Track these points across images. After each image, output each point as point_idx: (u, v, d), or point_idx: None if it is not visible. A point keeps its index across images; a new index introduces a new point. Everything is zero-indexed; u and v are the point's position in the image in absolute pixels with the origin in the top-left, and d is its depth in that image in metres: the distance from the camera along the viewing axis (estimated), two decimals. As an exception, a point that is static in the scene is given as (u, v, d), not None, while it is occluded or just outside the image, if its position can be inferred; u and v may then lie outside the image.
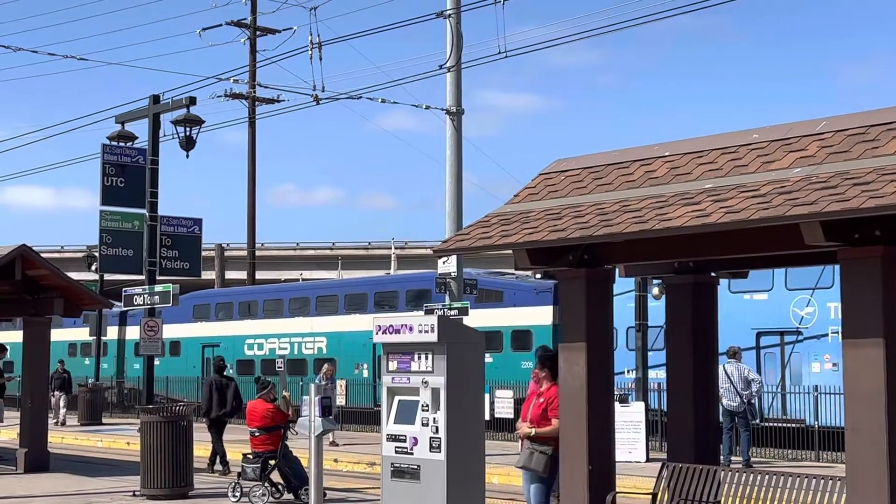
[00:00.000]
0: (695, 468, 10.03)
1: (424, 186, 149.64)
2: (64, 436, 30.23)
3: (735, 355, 20.99)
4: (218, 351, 36.87)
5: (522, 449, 11.75)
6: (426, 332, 10.38)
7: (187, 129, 21.53)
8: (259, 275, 49.43)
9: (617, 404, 18.79)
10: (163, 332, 20.66)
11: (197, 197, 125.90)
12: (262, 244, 62.46)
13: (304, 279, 55.84)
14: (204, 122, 21.91)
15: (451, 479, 10.24)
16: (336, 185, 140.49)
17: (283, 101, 38.15)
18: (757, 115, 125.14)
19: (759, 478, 9.58)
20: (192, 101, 21.44)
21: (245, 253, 47.50)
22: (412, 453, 10.46)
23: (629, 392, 24.20)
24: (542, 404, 11.50)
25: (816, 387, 23.36)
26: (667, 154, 10.09)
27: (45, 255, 21.89)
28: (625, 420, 20.95)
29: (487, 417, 18.87)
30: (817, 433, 22.56)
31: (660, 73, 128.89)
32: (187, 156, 21.65)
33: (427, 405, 10.39)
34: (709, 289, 10.79)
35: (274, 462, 16.06)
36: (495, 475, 18.92)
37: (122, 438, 28.94)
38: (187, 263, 21.18)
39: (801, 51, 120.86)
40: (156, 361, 21.44)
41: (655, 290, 23.93)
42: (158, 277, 20.42)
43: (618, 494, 10.36)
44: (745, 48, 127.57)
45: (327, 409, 12.74)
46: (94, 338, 39.51)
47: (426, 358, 10.44)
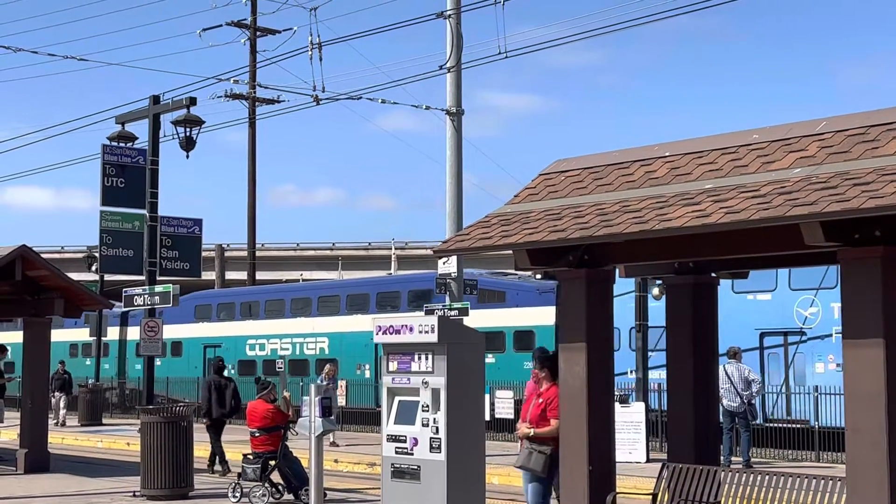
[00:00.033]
0: (695, 468, 10.03)
1: (424, 187, 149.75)
2: (64, 436, 30.22)
3: (735, 356, 20.97)
4: (219, 351, 36.85)
5: (521, 449, 11.77)
6: (426, 332, 10.37)
7: (187, 129, 21.55)
8: (259, 275, 49.42)
9: (617, 405, 18.78)
10: (163, 333, 20.67)
11: (197, 197, 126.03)
12: (263, 245, 62.45)
13: (304, 280, 55.84)
14: (204, 122, 21.94)
15: (452, 479, 10.24)
16: (336, 186, 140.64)
17: (284, 101, 38.16)
18: (757, 115, 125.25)
19: (759, 478, 9.58)
20: (193, 101, 21.46)
21: (245, 253, 47.51)
22: (412, 454, 10.45)
23: (629, 392, 24.19)
24: (542, 404, 11.51)
25: (817, 387, 23.34)
26: (667, 154, 10.09)
27: (45, 256, 21.88)
28: (625, 420, 20.94)
29: (488, 418, 18.85)
30: (818, 433, 22.56)
31: (660, 73, 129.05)
32: (187, 156, 21.68)
33: (427, 406, 10.39)
34: (709, 289, 10.79)
35: (274, 462, 16.06)
36: (495, 476, 18.92)
37: (122, 439, 28.93)
38: (187, 264, 21.19)
39: (802, 51, 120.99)
40: (157, 362, 21.45)
41: (656, 291, 23.91)
42: (159, 278, 20.43)
43: (618, 495, 10.36)
44: (746, 48, 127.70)
45: (327, 409, 12.75)
46: (95, 338, 39.52)
47: (426, 358, 10.44)
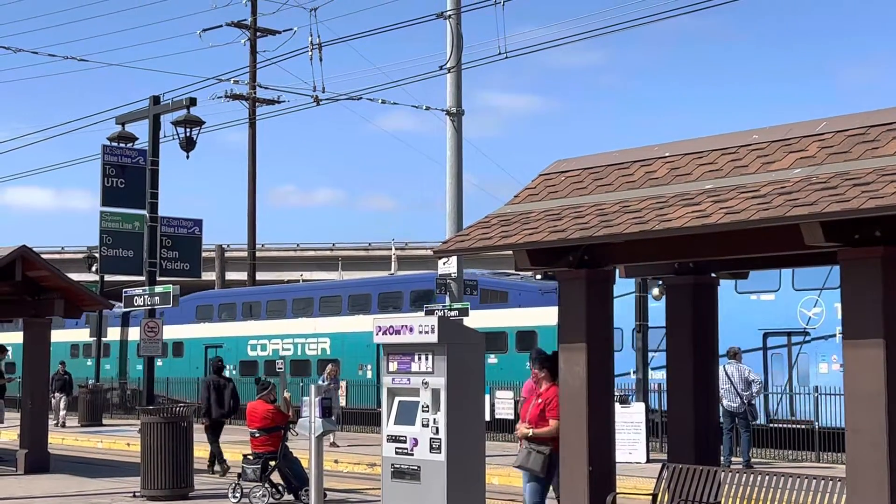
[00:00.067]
0: (695, 469, 10.03)
1: (425, 187, 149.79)
2: (64, 437, 30.21)
3: (735, 356, 20.96)
4: (221, 352, 36.83)
5: (520, 449, 11.78)
6: (426, 332, 10.37)
7: (187, 129, 21.55)
8: (259, 276, 49.43)
9: (617, 405, 18.78)
10: (165, 333, 20.66)
11: (197, 198, 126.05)
12: (263, 245, 62.46)
13: (304, 280, 55.83)
14: (204, 122, 21.95)
15: (452, 479, 10.23)
16: (336, 186, 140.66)
17: (284, 101, 38.18)
18: (757, 116, 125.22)
19: (759, 478, 9.58)
20: (193, 102, 21.46)
21: (245, 254, 47.51)
22: (412, 454, 10.45)
23: (630, 393, 24.18)
24: (541, 405, 11.52)
25: (817, 388, 23.32)
26: (667, 155, 10.09)
27: (45, 257, 21.86)
28: (625, 421, 20.93)
29: (488, 418, 18.86)
30: (818, 434, 22.54)
31: (660, 73, 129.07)
32: (187, 157, 21.69)
33: (427, 406, 10.39)
34: (709, 289, 10.79)
35: (274, 463, 16.06)
36: (496, 476, 18.91)
37: (122, 439, 28.92)
38: (187, 264, 21.19)
39: (802, 51, 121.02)
40: (158, 363, 21.45)
41: (656, 291, 23.88)
42: (159, 278, 20.43)
43: (618, 495, 10.36)
44: (746, 48, 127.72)
45: (327, 409, 12.74)
46: (95, 339, 39.49)
47: (426, 359, 10.43)
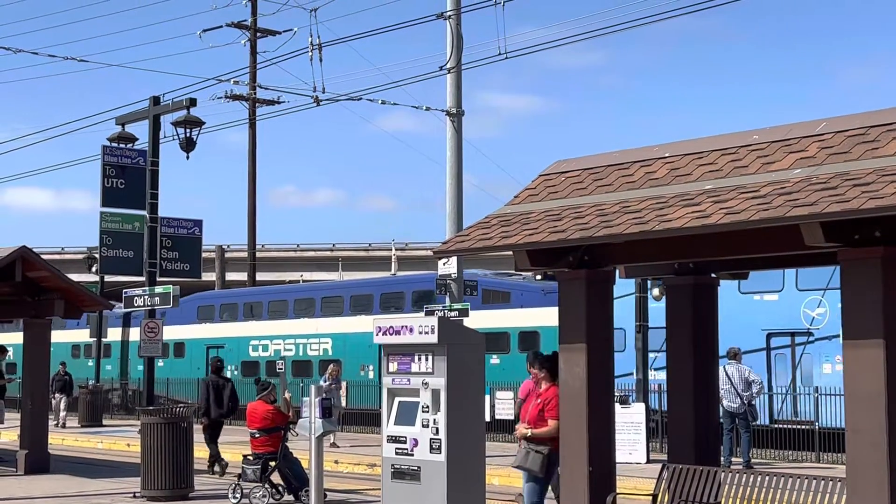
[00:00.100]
0: (695, 469, 10.03)
1: (425, 188, 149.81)
2: (64, 437, 30.21)
3: (735, 356, 20.95)
4: (222, 352, 36.78)
5: (519, 449, 11.79)
6: (426, 333, 10.37)
7: (187, 130, 21.53)
8: (259, 276, 49.44)
9: (617, 405, 18.77)
10: (166, 334, 20.64)
11: (197, 198, 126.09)
12: (263, 246, 62.48)
13: (304, 281, 55.83)
14: (204, 123, 21.91)
15: (452, 480, 10.23)
16: (336, 187, 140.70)
17: (284, 102, 38.26)
18: (757, 116, 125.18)
19: (759, 479, 9.58)
20: (193, 102, 21.43)
21: (245, 254, 47.52)
22: (412, 454, 10.45)
23: (630, 393, 24.18)
24: (539, 405, 11.53)
25: (817, 388, 23.31)
26: (667, 155, 10.09)
27: (45, 257, 21.87)
28: (625, 421, 20.92)
29: (488, 419, 18.85)
30: (818, 434, 22.54)
31: (661, 73, 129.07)
32: (188, 157, 21.65)
33: (427, 406, 10.38)
34: (709, 290, 10.79)
35: (274, 463, 16.06)
36: (496, 476, 18.91)
37: (122, 440, 28.91)
38: (187, 265, 21.17)
39: (802, 51, 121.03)
40: (160, 363, 21.44)
41: (656, 292, 23.88)
42: (159, 279, 20.41)
43: (618, 496, 10.36)
44: (746, 49, 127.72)
45: (327, 410, 12.73)
46: (95, 339, 39.48)
47: (426, 359, 10.43)
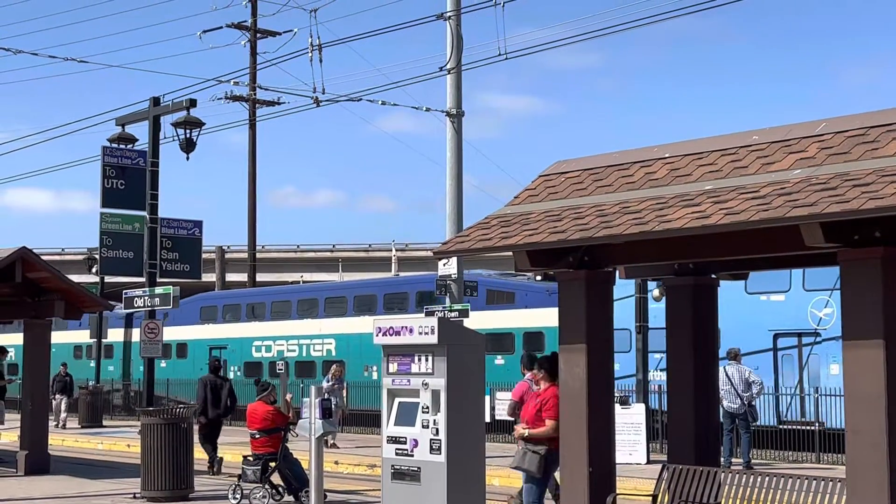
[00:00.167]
0: (695, 470, 10.03)
1: (425, 188, 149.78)
2: (64, 438, 30.19)
3: (735, 357, 20.96)
4: (225, 353, 36.78)
5: (518, 449, 11.80)
6: (426, 333, 10.37)
7: (187, 131, 21.55)
8: (259, 277, 49.44)
9: (617, 406, 18.77)
10: (169, 335, 20.65)
11: (197, 199, 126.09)
12: (263, 246, 62.47)
13: (304, 281, 55.81)
14: (204, 124, 21.94)
15: (452, 480, 10.23)
16: (336, 188, 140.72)
17: (284, 103, 38.28)
18: (757, 116, 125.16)
19: (759, 479, 9.58)
20: (193, 103, 21.45)
21: (245, 255, 47.54)
22: (412, 455, 10.45)
23: (630, 394, 24.18)
24: (538, 405, 11.53)
25: (817, 388, 23.30)
26: (667, 155, 10.09)
27: (45, 258, 21.88)
28: (625, 422, 20.92)
29: (488, 419, 18.85)
30: (818, 434, 22.53)
31: (660, 74, 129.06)
32: (187, 158, 21.68)
33: (427, 407, 10.39)
34: (709, 290, 10.79)
35: (274, 464, 16.04)
36: (496, 477, 18.91)
37: (122, 441, 28.90)
38: (188, 266, 21.19)
39: (803, 51, 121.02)
40: (162, 364, 21.44)
41: (656, 292, 23.89)
42: (159, 280, 20.43)
43: (618, 496, 10.36)
44: (746, 49, 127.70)
45: (328, 411, 12.72)
46: (95, 340, 39.48)
47: (426, 360, 10.43)
